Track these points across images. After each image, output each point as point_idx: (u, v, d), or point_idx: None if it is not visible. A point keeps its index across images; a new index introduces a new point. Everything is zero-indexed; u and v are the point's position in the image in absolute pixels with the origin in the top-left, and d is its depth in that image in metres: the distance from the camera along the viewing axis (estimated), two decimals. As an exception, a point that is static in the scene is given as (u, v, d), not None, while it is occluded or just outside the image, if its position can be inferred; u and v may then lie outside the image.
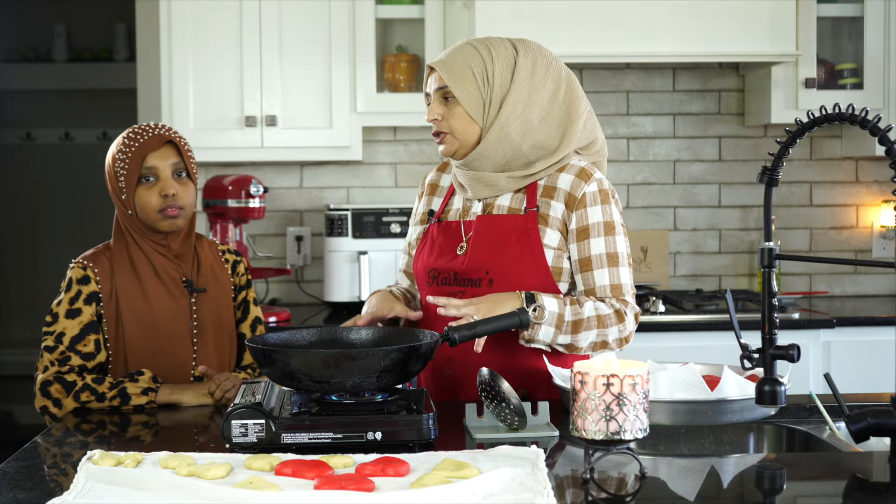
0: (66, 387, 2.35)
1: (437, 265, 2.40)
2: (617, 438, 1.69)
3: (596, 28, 3.75)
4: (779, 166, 1.85)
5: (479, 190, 2.39)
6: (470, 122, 2.34)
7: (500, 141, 2.33)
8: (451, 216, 2.45)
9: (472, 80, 2.32)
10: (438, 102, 2.37)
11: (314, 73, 3.95)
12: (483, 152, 2.34)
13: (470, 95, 2.32)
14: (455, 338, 2.07)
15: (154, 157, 2.44)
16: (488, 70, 2.32)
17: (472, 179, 2.39)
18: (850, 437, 1.90)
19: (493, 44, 2.36)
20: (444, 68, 2.34)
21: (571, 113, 2.36)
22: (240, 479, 1.70)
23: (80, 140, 6.97)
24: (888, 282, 4.37)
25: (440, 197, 2.52)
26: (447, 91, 2.34)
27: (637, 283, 4.18)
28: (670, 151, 4.33)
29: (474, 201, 2.42)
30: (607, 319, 2.27)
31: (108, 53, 6.96)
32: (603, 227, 2.32)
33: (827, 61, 4.10)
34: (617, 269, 2.32)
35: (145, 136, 2.45)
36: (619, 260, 2.32)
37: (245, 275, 2.62)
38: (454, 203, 2.47)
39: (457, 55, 2.35)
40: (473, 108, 2.33)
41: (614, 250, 2.32)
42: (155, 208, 2.43)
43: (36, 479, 1.82)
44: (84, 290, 2.43)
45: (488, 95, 2.33)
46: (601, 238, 2.32)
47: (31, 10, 6.93)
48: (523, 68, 2.34)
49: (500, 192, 2.38)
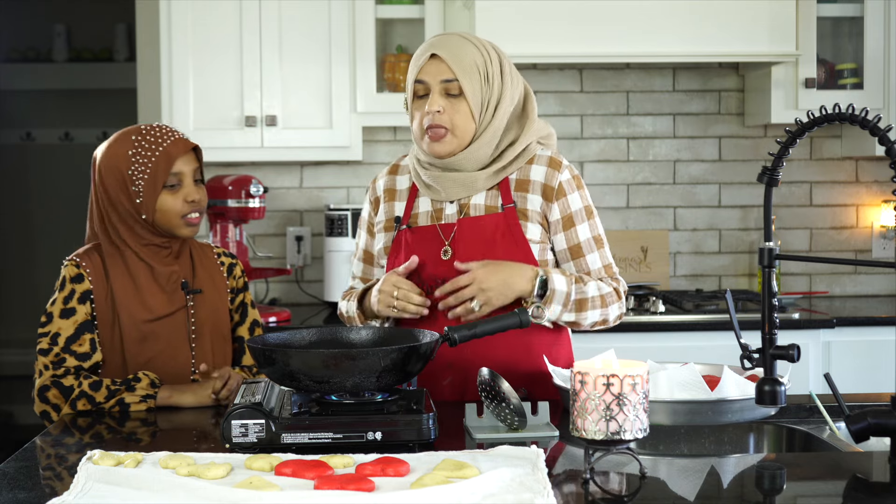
0: (63, 392, 2.33)
1: (421, 272, 2.35)
2: (617, 438, 1.69)
3: (596, 28, 3.75)
4: (779, 166, 1.85)
5: (453, 191, 2.34)
6: (470, 121, 2.30)
7: (490, 142, 2.32)
8: (420, 220, 2.39)
9: (478, 77, 2.28)
10: (440, 95, 2.28)
11: (314, 73, 3.94)
12: (474, 153, 2.31)
13: (475, 93, 2.29)
14: (455, 338, 2.07)
15: (180, 163, 2.41)
16: (488, 70, 2.30)
17: (446, 180, 2.33)
18: (850, 437, 1.90)
19: (483, 43, 2.34)
20: (455, 61, 2.27)
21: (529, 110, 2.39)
22: (240, 479, 1.70)
23: (80, 140, 6.97)
24: (888, 282, 4.37)
25: (401, 201, 2.44)
26: (453, 85, 2.27)
27: (637, 283, 4.19)
28: (670, 151, 4.33)
29: (446, 203, 2.37)
30: (609, 297, 2.34)
31: (108, 53, 6.96)
32: (584, 213, 2.37)
33: (827, 61, 4.10)
34: (604, 250, 2.39)
35: (168, 139, 2.41)
36: (603, 241, 2.40)
37: (242, 277, 2.61)
38: (420, 206, 2.40)
39: (462, 49, 2.28)
40: (476, 106, 2.29)
41: (598, 233, 2.38)
42: (179, 213, 2.41)
43: (36, 479, 1.82)
44: (77, 289, 2.41)
45: (487, 96, 2.30)
46: (585, 223, 2.36)
47: (31, 10, 6.93)
48: (507, 72, 2.34)
49: (476, 192, 2.35)
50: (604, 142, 4.32)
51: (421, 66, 2.31)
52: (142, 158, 2.39)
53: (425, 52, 2.31)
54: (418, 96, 2.32)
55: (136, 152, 2.40)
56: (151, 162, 2.39)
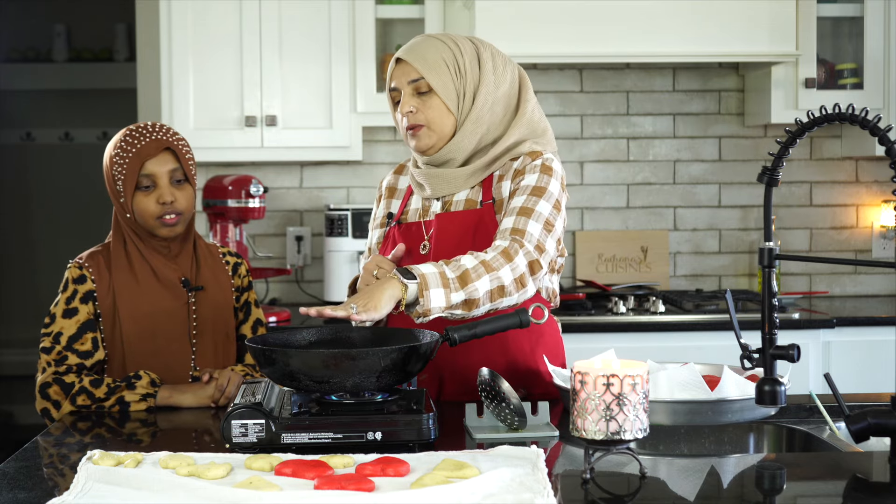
0: (64, 389, 2.35)
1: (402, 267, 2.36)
2: (617, 438, 1.69)
3: (596, 28, 3.75)
4: (779, 166, 1.85)
5: (439, 187, 2.37)
6: (446, 114, 2.33)
7: (475, 132, 2.34)
8: (410, 217, 2.44)
9: (447, 70, 2.31)
10: (411, 95, 2.33)
11: (314, 73, 3.95)
12: (458, 143, 2.33)
13: (446, 86, 2.31)
14: (455, 338, 2.07)
15: (152, 164, 2.41)
16: (458, 62, 2.32)
17: (433, 177, 2.37)
18: (850, 437, 1.90)
19: (454, 38, 2.36)
20: (417, 60, 2.31)
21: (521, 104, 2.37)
22: (240, 479, 1.70)
23: (80, 140, 6.97)
24: (888, 282, 4.37)
25: (398, 199, 2.51)
26: (420, 84, 2.31)
27: (637, 283, 4.19)
28: (670, 151, 4.33)
29: (433, 200, 2.41)
30: (493, 262, 2.13)
31: (108, 53, 6.96)
32: (531, 190, 2.27)
33: (827, 61, 4.10)
34: (527, 219, 2.21)
35: (143, 140, 2.41)
36: (534, 215, 2.22)
37: (246, 276, 2.62)
38: (412, 203, 2.46)
39: (425, 47, 2.33)
40: (450, 98, 2.32)
41: (531, 206, 2.23)
42: (153, 215, 2.42)
43: (36, 479, 1.82)
44: (80, 290, 2.43)
45: (461, 86, 2.32)
46: (523, 196, 2.26)
47: (31, 10, 6.93)
48: (487, 61, 2.35)
49: (459, 189, 2.37)
50: (604, 142, 4.32)
51: (391, 73, 2.37)
52: (120, 160, 2.42)
53: (392, 60, 2.38)
54: (395, 102, 2.38)
55: (116, 153, 2.42)
56: (126, 162, 2.40)
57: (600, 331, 3.62)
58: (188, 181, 2.46)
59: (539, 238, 2.21)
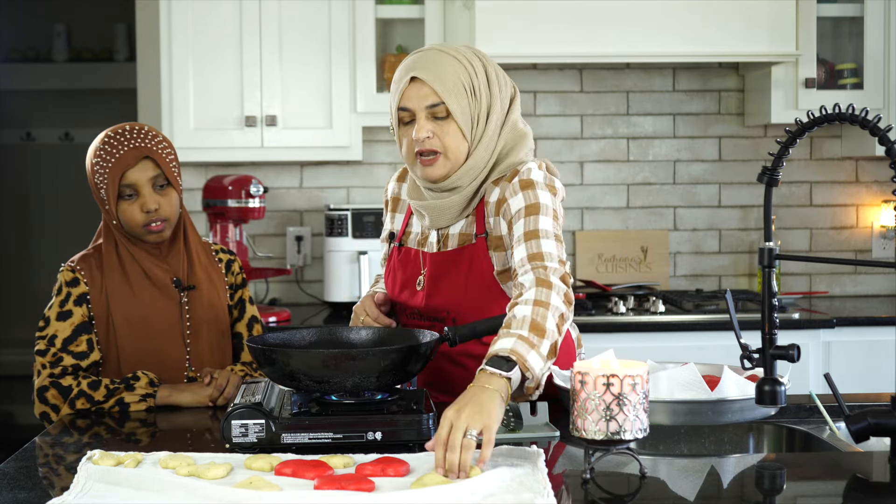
0: (62, 392, 2.33)
1: (401, 299, 2.34)
2: (617, 438, 1.69)
3: (596, 28, 3.75)
4: (779, 166, 1.85)
5: (436, 220, 2.28)
6: (462, 140, 2.20)
7: (484, 157, 2.23)
8: (410, 241, 2.37)
9: (464, 94, 2.18)
10: (427, 119, 2.18)
11: (314, 73, 3.95)
12: (468, 170, 2.22)
13: (464, 112, 2.19)
14: (455, 338, 2.07)
15: (132, 174, 2.38)
16: (474, 83, 2.20)
17: (432, 209, 2.27)
18: (850, 437, 1.90)
19: (465, 54, 2.22)
20: (436, 82, 2.16)
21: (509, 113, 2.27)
22: (240, 479, 1.70)
23: (80, 140, 6.97)
24: (888, 282, 4.37)
25: (401, 213, 2.43)
26: (439, 109, 2.17)
27: (637, 283, 4.19)
28: (670, 151, 4.33)
29: (432, 230, 2.32)
30: (541, 296, 2.00)
31: (108, 53, 6.96)
32: (523, 212, 2.16)
33: (827, 61, 4.10)
34: (537, 241, 2.12)
35: (121, 149, 2.37)
36: (540, 234, 2.13)
37: (240, 273, 2.61)
38: (413, 225, 2.38)
39: (443, 67, 2.18)
40: (466, 124, 2.19)
41: (534, 228, 2.13)
42: (139, 223, 2.40)
43: (36, 479, 1.82)
44: (74, 292, 2.42)
45: (476, 110, 2.21)
46: (521, 220, 2.15)
47: (31, 10, 6.93)
48: (494, 80, 2.23)
49: (456, 221, 2.27)
50: (604, 142, 4.32)
51: (402, 91, 2.19)
52: (101, 169, 2.39)
53: (405, 76, 2.19)
54: (404, 123, 2.23)
55: (97, 162, 2.40)
56: (107, 172, 2.38)
57: (600, 331, 3.62)
58: (171, 185, 2.43)
59: (556, 253, 2.13)
